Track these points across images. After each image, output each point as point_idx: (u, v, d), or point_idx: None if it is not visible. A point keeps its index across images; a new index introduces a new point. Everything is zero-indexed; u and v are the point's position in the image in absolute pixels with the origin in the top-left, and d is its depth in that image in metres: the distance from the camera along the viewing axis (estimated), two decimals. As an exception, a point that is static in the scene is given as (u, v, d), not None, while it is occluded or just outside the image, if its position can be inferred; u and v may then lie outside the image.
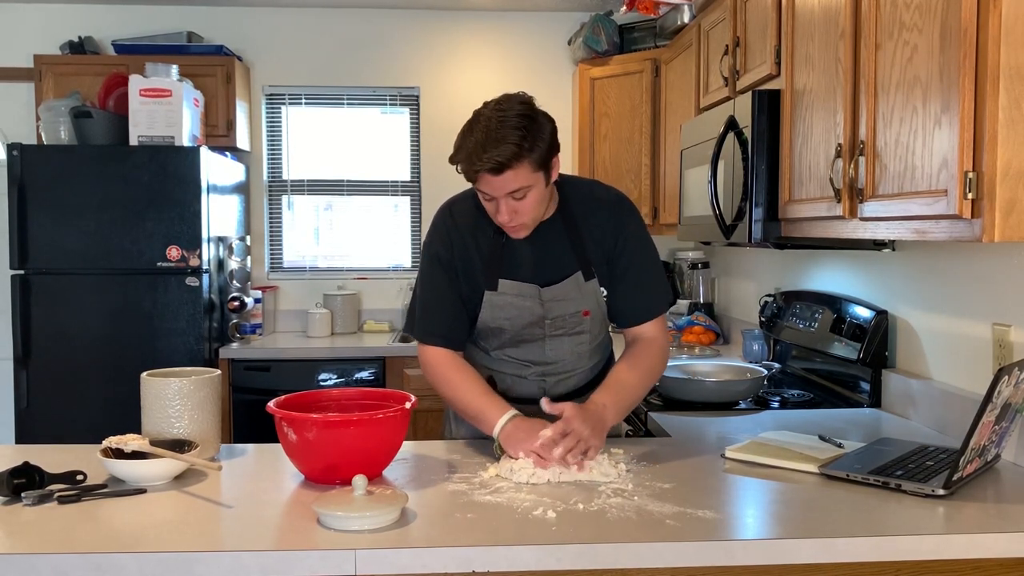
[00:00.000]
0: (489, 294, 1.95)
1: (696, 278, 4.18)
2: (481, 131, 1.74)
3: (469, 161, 1.75)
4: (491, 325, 1.99)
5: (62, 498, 1.58)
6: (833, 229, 2.01)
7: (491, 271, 1.95)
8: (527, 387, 2.05)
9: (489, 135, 1.73)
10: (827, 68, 2.04)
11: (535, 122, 1.77)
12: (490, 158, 1.72)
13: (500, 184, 1.77)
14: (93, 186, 3.78)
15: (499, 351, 2.04)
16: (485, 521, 1.48)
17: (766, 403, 2.56)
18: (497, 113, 1.75)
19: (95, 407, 3.80)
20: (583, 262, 1.95)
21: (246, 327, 4.29)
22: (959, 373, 2.13)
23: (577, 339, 2.02)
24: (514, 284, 1.95)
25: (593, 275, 1.96)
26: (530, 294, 1.95)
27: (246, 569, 1.34)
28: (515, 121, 1.73)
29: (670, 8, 3.65)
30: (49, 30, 4.44)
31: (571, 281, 1.95)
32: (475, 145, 1.74)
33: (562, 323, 1.98)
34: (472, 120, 1.79)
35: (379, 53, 4.60)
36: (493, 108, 1.77)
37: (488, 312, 1.97)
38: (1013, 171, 1.43)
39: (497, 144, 1.72)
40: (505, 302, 1.95)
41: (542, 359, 2.03)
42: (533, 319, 1.97)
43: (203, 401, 1.83)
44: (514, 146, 1.72)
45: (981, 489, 1.66)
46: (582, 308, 1.98)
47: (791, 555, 1.39)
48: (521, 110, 1.76)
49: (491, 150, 1.72)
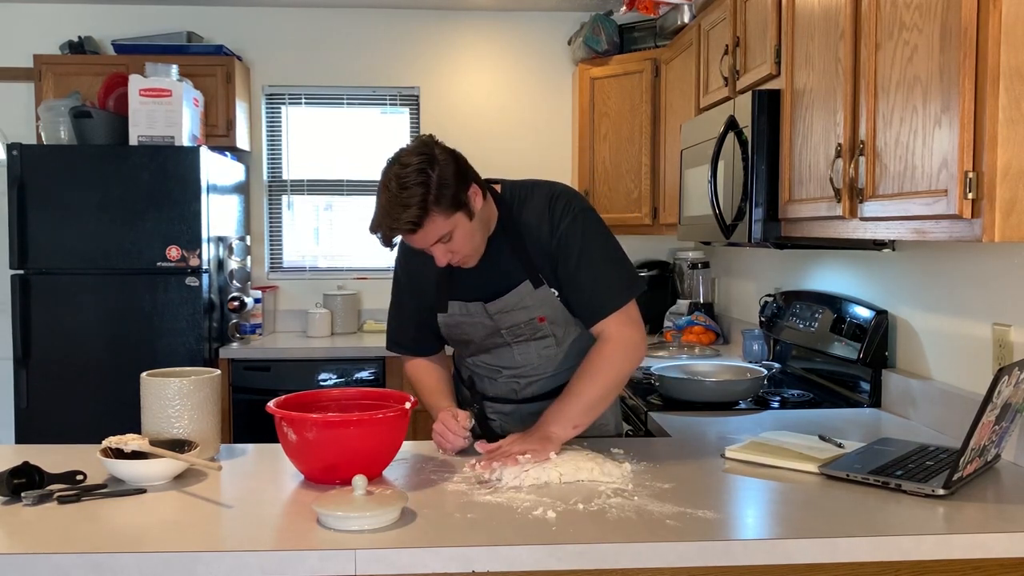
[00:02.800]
0: (441, 316, 2.02)
1: (696, 278, 4.18)
2: (386, 199, 1.76)
3: (383, 230, 1.78)
4: (455, 338, 2.07)
5: (62, 498, 1.58)
6: (833, 229, 2.01)
7: (440, 293, 2.01)
8: (502, 387, 2.10)
9: (392, 201, 1.74)
10: (827, 68, 2.04)
11: (434, 171, 1.74)
12: (400, 225, 1.75)
13: (421, 239, 1.80)
14: (93, 186, 3.78)
15: (472, 358, 2.11)
16: (485, 521, 1.48)
17: (766, 403, 2.56)
18: (396, 178, 1.75)
19: (95, 407, 3.80)
20: (530, 270, 1.94)
21: (246, 327, 4.28)
22: (959, 373, 2.13)
23: (542, 343, 2.02)
24: (461, 304, 1.99)
25: (542, 282, 1.94)
26: (476, 311, 1.98)
27: (246, 569, 1.34)
28: (414, 178, 1.73)
29: (670, 8, 3.65)
30: (49, 30, 4.44)
31: (518, 292, 1.94)
32: (383, 215, 1.76)
33: (519, 331, 2.00)
34: (380, 185, 1.79)
35: (379, 53, 4.60)
36: (394, 169, 1.76)
37: (446, 329, 2.05)
38: (1013, 171, 1.43)
39: (403, 209, 1.73)
40: (456, 321, 2.01)
41: (512, 363, 2.06)
42: (487, 332, 2.01)
43: (203, 401, 1.83)
44: (417, 208, 1.73)
45: (981, 489, 1.66)
46: (535, 315, 1.97)
47: (791, 555, 1.40)
48: (418, 164, 1.74)
49: (398, 216, 1.74)
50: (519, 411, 2.09)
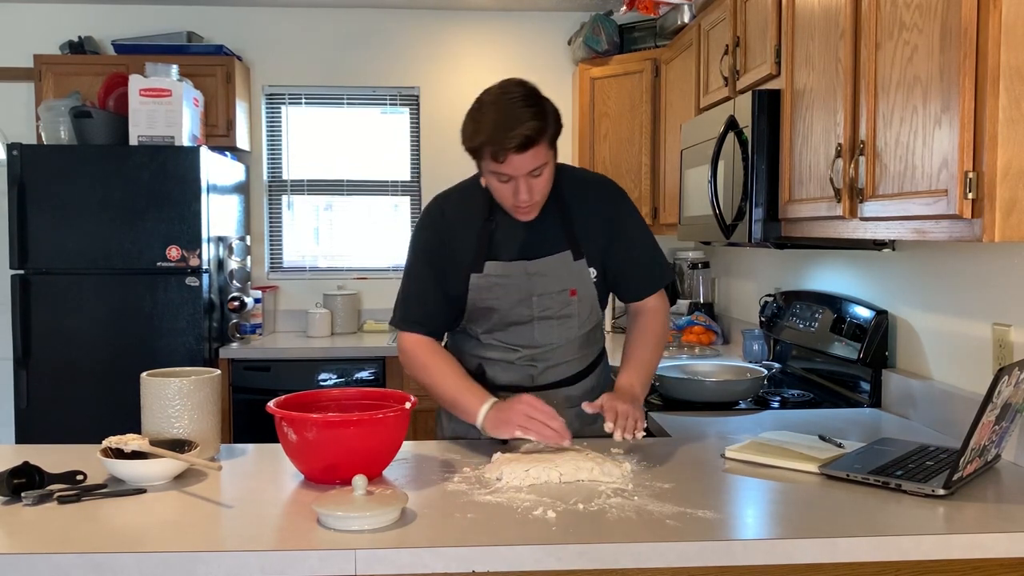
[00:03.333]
0: (475, 276, 1.98)
1: (696, 278, 4.18)
2: (498, 112, 1.77)
3: (494, 142, 1.77)
4: (480, 306, 2.01)
5: (62, 498, 1.58)
6: (833, 229, 2.01)
7: (479, 255, 1.98)
8: (516, 373, 2.07)
9: (507, 115, 1.76)
10: (827, 68, 2.04)
11: (542, 100, 1.82)
12: (517, 135, 1.75)
13: (522, 163, 1.80)
14: (93, 186, 3.78)
15: (488, 335, 2.06)
16: (485, 521, 1.48)
17: (766, 403, 2.56)
18: (504, 96, 1.79)
19: (95, 407, 3.80)
20: (572, 242, 2.00)
21: (246, 327, 4.29)
22: (959, 373, 2.13)
23: (566, 323, 2.04)
24: (499, 264, 1.99)
25: (582, 255, 2.00)
26: (515, 271, 1.98)
27: (246, 569, 1.34)
28: (526, 100, 1.78)
29: (670, 8, 3.65)
30: (49, 30, 4.44)
31: (558, 258, 1.99)
32: (496, 126, 1.76)
33: (549, 302, 2.00)
34: (478, 107, 1.81)
35: (379, 53, 4.60)
36: (498, 92, 1.81)
37: (475, 294, 2.00)
38: (1013, 171, 1.43)
39: (519, 122, 1.76)
40: (490, 283, 1.99)
41: (531, 343, 2.04)
42: (521, 296, 1.99)
43: (203, 401, 1.83)
44: (535, 122, 1.77)
45: (981, 489, 1.66)
46: (569, 287, 2.00)
47: (791, 555, 1.39)
48: (526, 91, 1.81)
49: (516, 127, 1.75)
50: None
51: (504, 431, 1.81)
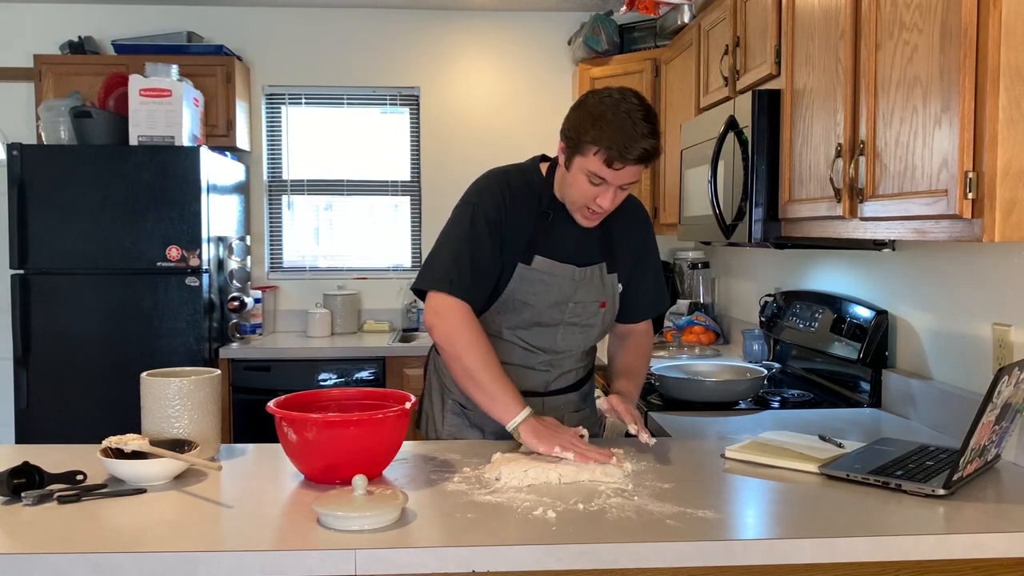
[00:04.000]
0: (522, 267, 1.96)
1: (696, 278, 4.18)
2: (635, 119, 1.77)
3: (623, 147, 1.77)
4: (516, 298, 1.96)
5: (62, 498, 1.57)
6: (833, 229, 2.01)
7: (531, 246, 1.97)
8: (533, 379, 2.07)
9: (633, 125, 1.77)
10: (827, 68, 2.04)
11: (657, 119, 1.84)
12: (648, 148, 1.78)
13: (627, 175, 1.82)
14: (93, 186, 3.78)
15: (511, 331, 2.01)
16: (485, 521, 1.48)
17: (766, 403, 2.56)
18: (628, 104, 1.79)
19: (95, 407, 3.80)
20: (609, 255, 2.04)
21: (246, 327, 4.29)
22: (959, 373, 2.13)
23: (588, 332, 2.06)
24: (549, 262, 1.98)
25: (615, 270, 2.06)
26: (564, 273, 1.98)
27: (246, 569, 1.34)
28: (647, 116, 1.80)
29: (670, 8, 3.65)
30: (49, 30, 4.44)
31: (597, 269, 2.03)
32: (621, 133, 1.76)
33: (582, 310, 2.02)
34: (607, 106, 1.79)
35: (379, 53, 4.60)
36: (620, 98, 1.80)
37: (517, 284, 1.96)
38: (1013, 171, 1.43)
39: (651, 136, 1.78)
40: (536, 278, 1.97)
41: (552, 347, 2.05)
42: (559, 299, 1.99)
43: (203, 401, 1.83)
44: (654, 140, 1.79)
45: (981, 489, 1.66)
46: (601, 298, 2.04)
47: (791, 555, 1.39)
48: (646, 106, 1.82)
49: (649, 140, 1.78)
50: (542, 404, 2.07)
51: (543, 445, 1.76)
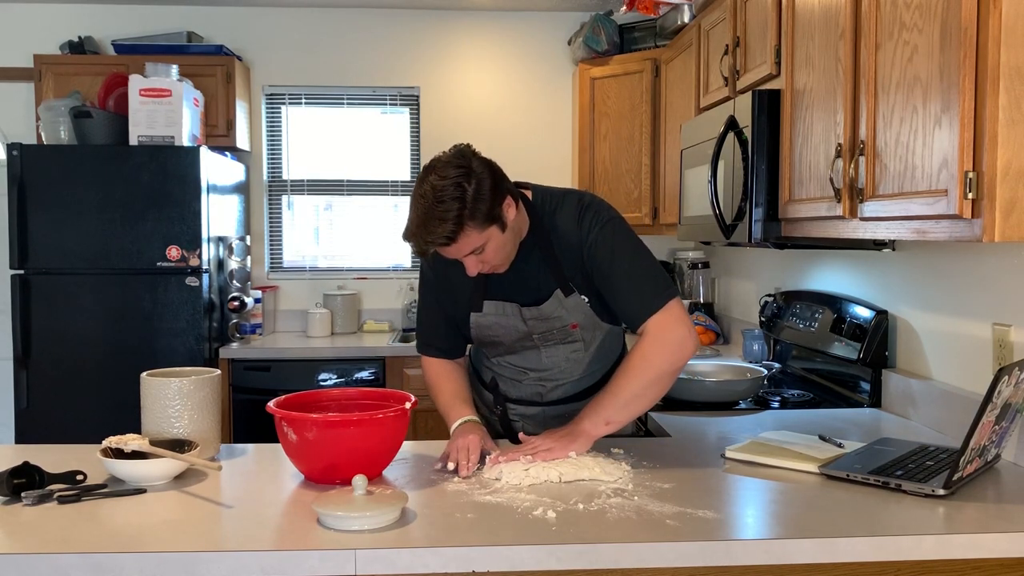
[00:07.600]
0: (475, 315, 2.00)
1: (696, 278, 4.18)
2: (422, 211, 1.73)
3: (417, 243, 1.77)
4: (484, 338, 2.05)
5: (62, 498, 1.58)
6: (833, 229, 2.01)
7: (476, 292, 1.98)
8: (526, 390, 2.10)
9: (428, 214, 1.72)
10: (827, 68, 2.04)
11: (470, 185, 1.73)
12: (435, 239, 1.74)
13: (454, 252, 1.79)
14: (93, 186, 3.78)
15: (498, 359, 2.10)
16: (485, 521, 1.48)
17: (766, 403, 2.56)
18: (432, 190, 1.72)
19: (95, 407, 3.80)
20: (560, 279, 1.94)
21: (246, 327, 4.28)
22: (959, 373, 2.13)
23: (571, 347, 2.04)
24: (497, 304, 1.98)
25: (572, 289, 1.95)
26: (512, 313, 1.98)
27: (246, 569, 1.34)
28: (450, 192, 1.71)
29: (670, 8, 3.65)
30: (49, 30, 4.44)
31: (552, 301, 1.95)
32: (417, 227, 1.74)
33: (551, 336, 2.01)
34: (414, 195, 1.77)
35: (379, 53, 4.60)
36: (430, 180, 1.74)
37: (478, 330, 2.03)
38: (1013, 171, 1.43)
39: (438, 223, 1.72)
40: (490, 322, 2.00)
41: (539, 366, 2.06)
42: (519, 335, 2.01)
43: (203, 401, 1.83)
44: (452, 223, 1.72)
45: (981, 489, 1.66)
46: (568, 322, 1.98)
47: (791, 555, 1.39)
48: (455, 177, 1.72)
49: (434, 230, 1.73)
50: (543, 414, 2.10)
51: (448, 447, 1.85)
